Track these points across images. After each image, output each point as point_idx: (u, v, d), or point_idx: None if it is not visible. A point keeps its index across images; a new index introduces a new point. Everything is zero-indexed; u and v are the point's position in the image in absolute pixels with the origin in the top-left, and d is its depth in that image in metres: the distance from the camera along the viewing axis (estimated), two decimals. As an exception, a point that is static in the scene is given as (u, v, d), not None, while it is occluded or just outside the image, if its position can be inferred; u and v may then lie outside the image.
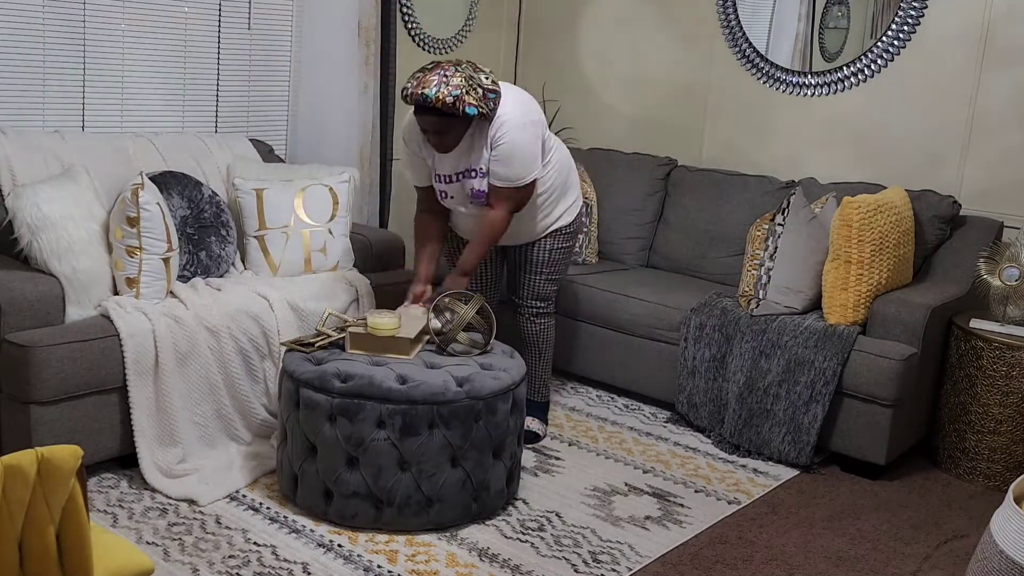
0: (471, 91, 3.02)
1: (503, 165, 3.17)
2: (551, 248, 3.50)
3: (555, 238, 3.50)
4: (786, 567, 2.84)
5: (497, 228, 3.26)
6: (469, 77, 3.04)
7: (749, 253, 3.85)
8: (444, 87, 2.99)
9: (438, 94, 2.99)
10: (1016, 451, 3.44)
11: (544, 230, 3.47)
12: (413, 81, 3.05)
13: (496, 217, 3.25)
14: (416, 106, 3.08)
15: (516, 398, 3.00)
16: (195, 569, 2.62)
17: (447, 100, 2.99)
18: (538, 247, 3.50)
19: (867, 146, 4.25)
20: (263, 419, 3.33)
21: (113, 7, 3.72)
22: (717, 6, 4.60)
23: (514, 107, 3.17)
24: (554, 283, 3.58)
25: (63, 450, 1.51)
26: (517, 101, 3.21)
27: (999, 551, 1.95)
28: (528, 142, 3.18)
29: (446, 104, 2.99)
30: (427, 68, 3.06)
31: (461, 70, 3.05)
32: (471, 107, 3.02)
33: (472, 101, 3.02)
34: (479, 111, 3.04)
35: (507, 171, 3.18)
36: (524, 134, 3.16)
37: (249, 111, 4.27)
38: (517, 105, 3.19)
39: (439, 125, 3.08)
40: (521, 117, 3.17)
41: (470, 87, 3.02)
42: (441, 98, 2.99)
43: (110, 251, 3.16)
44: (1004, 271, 3.54)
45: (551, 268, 3.53)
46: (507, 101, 3.16)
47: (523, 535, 2.93)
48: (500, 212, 3.25)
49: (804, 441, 3.49)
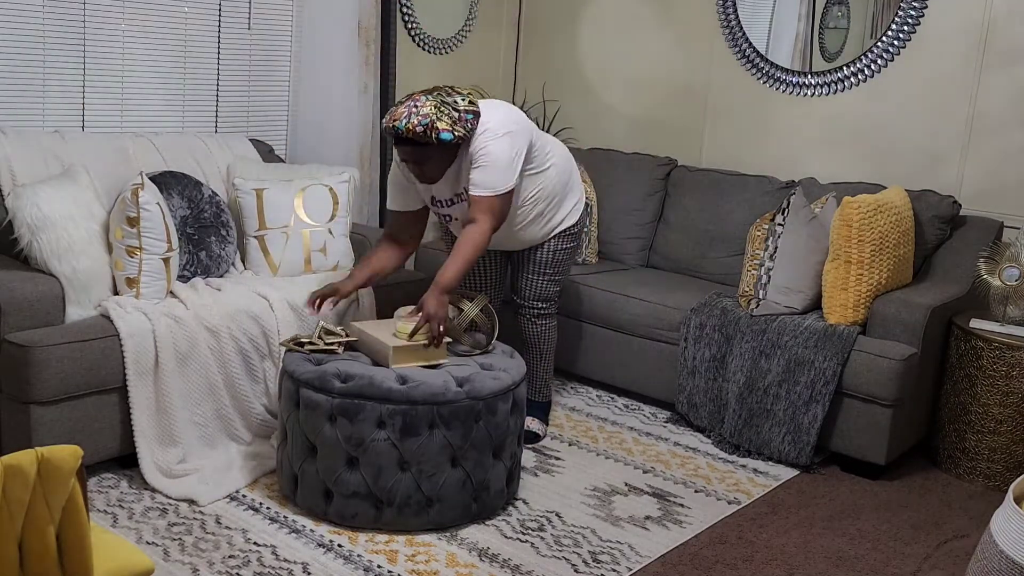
0: (443, 117, 3.02)
1: (479, 171, 3.14)
2: (555, 249, 3.51)
3: (560, 239, 3.50)
4: (786, 567, 2.85)
5: (479, 244, 3.10)
6: (441, 103, 3.04)
7: (749, 253, 3.85)
8: (414, 117, 3.00)
9: (408, 125, 3.00)
10: (1016, 451, 3.44)
11: (549, 233, 3.47)
12: (388, 115, 3.07)
13: (476, 232, 3.11)
14: (394, 139, 3.10)
15: (516, 398, 3.00)
16: (195, 569, 2.62)
17: (417, 130, 3.00)
18: (542, 248, 3.50)
19: (867, 146, 4.25)
20: (263, 419, 3.33)
21: (113, 7, 3.72)
22: (717, 6, 4.60)
23: (495, 118, 3.17)
24: (557, 284, 3.58)
25: (63, 450, 1.51)
26: (499, 113, 3.20)
27: (999, 551, 1.95)
28: (503, 151, 3.14)
29: (417, 133, 3.00)
30: (400, 101, 3.09)
31: (432, 97, 3.05)
32: (445, 132, 3.02)
33: (444, 127, 3.02)
34: (454, 135, 3.04)
35: (483, 177, 3.13)
36: (501, 143, 3.14)
37: (249, 111, 4.27)
38: (498, 116, 3.18)
39: (415, 155, 3.08)
40: (500, 127, 3.15)
41: (441, 113, 3.02)
42: (412, 128, 3.00)
43: (110, 251, 3.16)
44: (1004, 271, 3.54)
45: (554, 269, 3.53)
46: (489, 114, 3.17)
47: (523, 535, 2.93)
48: (481, 227, 3.11)
49: (804, 441, 3.49)
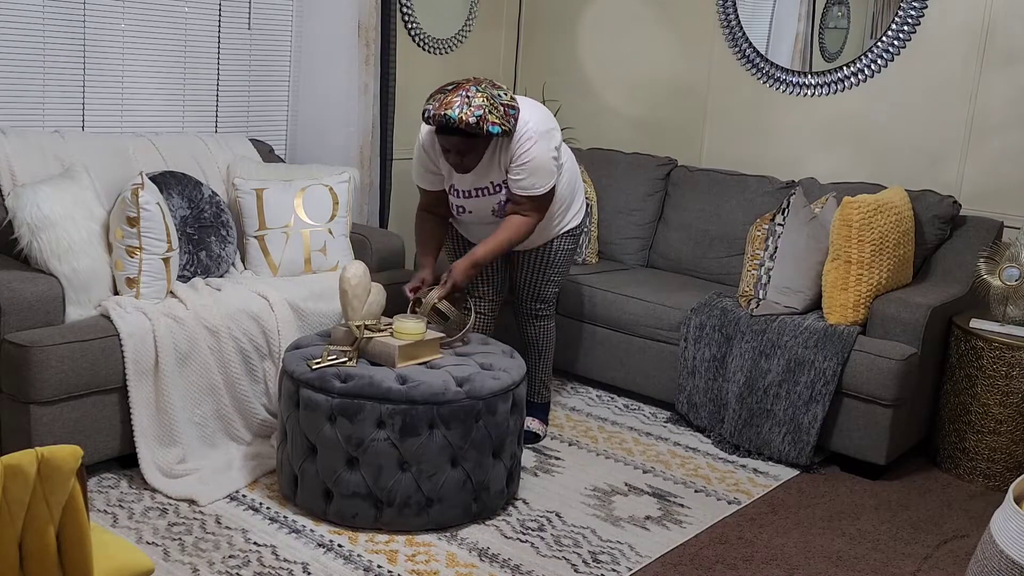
0: (493, 110, 3.02)
1: (529, 175, 3.16)
2: (557, 250, 3.50)
3: (562, 239, 3.50)
4: (786, 567, 2.85)
5: (523, 232, 3.25)
6: (490, 96, 3.04)
7: (749, 253, 3.85)
8: (467, 108, 2.99)
9: (461, 115, 2.98)
10: (1016, 451, 3.44)
11: (555, 234, 3.48)
12: (434, 102, 3.03)
13: (523, 222, 3.24)
14: (439, 127, 3.07)
15: (516, 398, 3.00)
16: (195, 569, 2.62)
17: (470, 121, 2.99)
18: (545, 249, 3.50)
19: (867, 146, 4.25)
20: (263, 419, 3.33)
21: (113, 7, 3.72)
22: (717, 6, 4.60)
23: (534, 117, 3.18)
24: (556, 284, 3.58)
25: (63, 450, 1.51)
26: (537, 112, 3.22)
27: (999, 551, 1.95)
28: (548, 150, 3.18)
29: (469, 125, 2.99)
30: (447, 89, 3.06)
31: (482, 90, 3.04)
32: (494, 126, 3.02)
33: (495, 120, 3.02)
34: (502, 129, 3.05)
35: (532, 180, 3.18)
36: (544, 143, 3.16)
37: (249, 111, 4.27)
38: (537, 115, 3.20)
39: (462, 145, 3.08)
40: (540, 125, 3.17)
41: (492, 106, 3.02)
42: (464, 119, 2.98)
43: (110, 251, 3.16)
44: (1004, 271, 3.54)
45: (555, 269, 3.53)
46: (526, 114, 3.17)
47: (523, 535, 2.93)
48: (529, 220, 3.25)
49: (804, 441, 3.49)
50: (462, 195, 3.30)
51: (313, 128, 4.31)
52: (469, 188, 3.27)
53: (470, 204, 3.31)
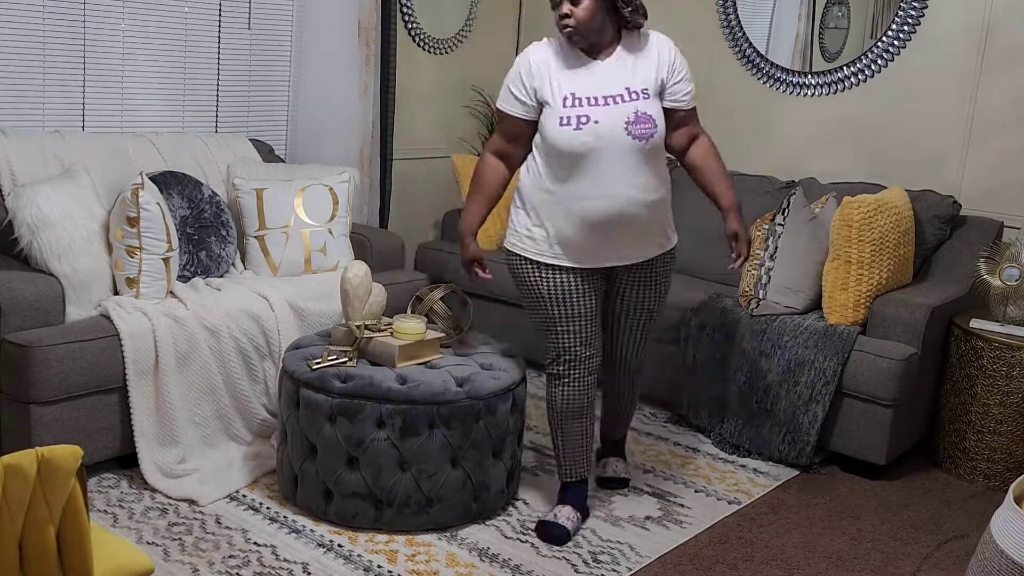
0: None
1: (687, 82, 2.88)
2: (668, 269, 3.01)
3: (672, 257, 3.03)
4: (786, 567, 2.85)
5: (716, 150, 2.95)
6: None
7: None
8: None
9: None
10: (1016, 451, 3.44)
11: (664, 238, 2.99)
12: None
13: (712, 143, 2.95)
14: None
15: (516, 398, 3.00)
16: (195, 569, 2.62)
17: None
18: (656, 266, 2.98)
19: (867, 146, 4.25)
20: (263, 419, 3.33)
21: (113, 7, 3.72)
22: (717, 6, 4.60)
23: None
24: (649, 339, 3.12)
25: (63, 450, 1.51)
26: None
27: (999, 551, 1.95)
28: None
29: None
30: None
31: None
32: None
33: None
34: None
35: (690, 86, 2.89)
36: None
37: (249, 111, 4.27)
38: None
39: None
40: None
41: None
42: None
43: (110, 251, 3.16)
44: (1004, 271, 3.54)
45: (660, 308, 3.04)
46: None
47: (523, 535, 2.93)
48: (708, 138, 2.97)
49: (804, 441, 3.49)
50: (589, 102, 2.74)
51: (313, 128, 4.31)
52: (601, 94, 2.75)
53: (598, 113, 2.72)
